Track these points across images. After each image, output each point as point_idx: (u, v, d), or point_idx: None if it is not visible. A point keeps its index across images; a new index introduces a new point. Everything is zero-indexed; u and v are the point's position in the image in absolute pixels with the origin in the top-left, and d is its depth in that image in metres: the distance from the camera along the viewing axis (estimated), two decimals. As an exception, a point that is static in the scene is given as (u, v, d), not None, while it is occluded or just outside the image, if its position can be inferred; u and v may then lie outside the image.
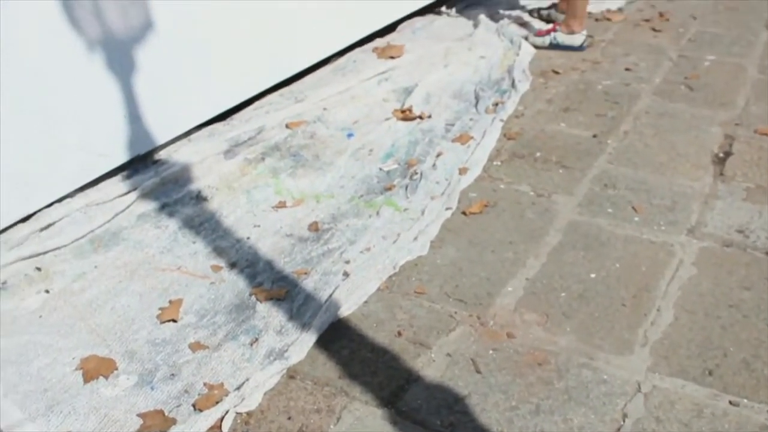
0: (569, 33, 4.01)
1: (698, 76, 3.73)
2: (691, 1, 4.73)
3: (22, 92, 2.52)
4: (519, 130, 3.28)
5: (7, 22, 2.43)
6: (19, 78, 2.50)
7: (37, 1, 2.50)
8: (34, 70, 2.54)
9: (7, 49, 2.44)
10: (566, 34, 4.02)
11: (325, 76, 3.68)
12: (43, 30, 2.54)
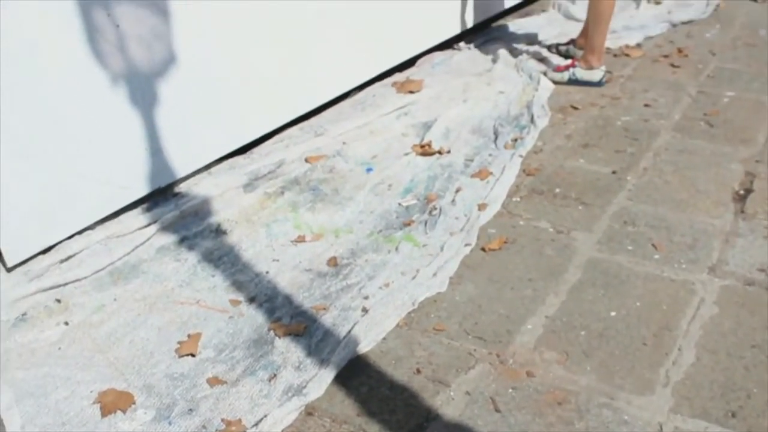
0: (588, 68, 4.02)
1: (718, 112, 3.72)
2: (709, 38, 4.73)
3: (44, 123, 2.55)
4: (538, 165, 3.28)
5: (30, 53, 2.46)
6: (42, 109, 2.53)
7: (61, 34, 2.54)
8: (57, 102, 2.57)
9: (30, 80, 2.48)
10: (585, 70, 4.03)
11: (344, 110, 3.70)
12: (67, 62, 2.58)
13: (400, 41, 4.05)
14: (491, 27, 4.88)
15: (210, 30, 3.01)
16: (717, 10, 5.23)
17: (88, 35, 2.62)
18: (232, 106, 3.17)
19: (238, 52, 3.14)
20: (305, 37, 3.44)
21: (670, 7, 5.33)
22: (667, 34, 4.81)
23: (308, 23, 3.43)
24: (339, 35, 3.61)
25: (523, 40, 4.63)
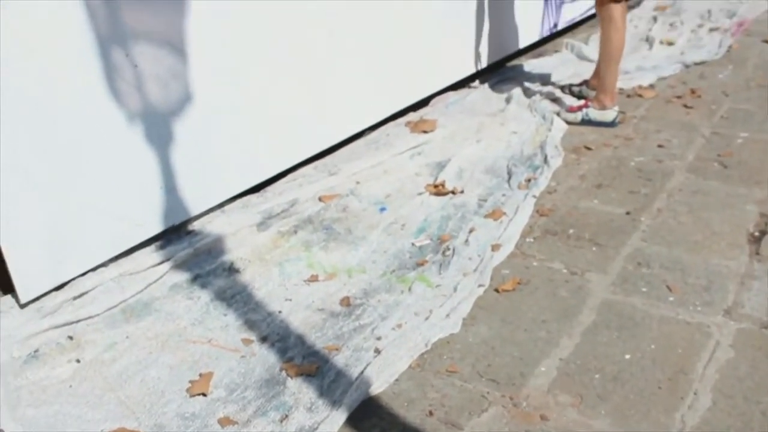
0: (601, 108, 4.03)
1: (732, 153, 3.71)
2: (722, 78, 4.74)
3: (60, 160, 2.57)
4: (552, 206, 3.28)
5: (49, 90, 2.49)
6: (59, 146, 2.56)
7: (79, 72, 2.57)
8: (74, 139, 2.60)
9: (49, 118, 2.51)
10: (598, 110, 4.04)
11: (358, 150, 3.72)
12: (85, 100, 2.61)
13: (414, 81, 4.08)
14: (505, 67, 4.91)
15: (226, 69, 3.04)
16: (729, 51, 5.25)
17: (106, 74, 2.66)
18: (246, 145, 3.19)
19: (253, 92, 3.17)
20: (319, 76, 3.47)
21: (682, 47, 5.35)
22: (680, 74, 4.82)
23: (322, 63, 3.47)
24: (353, 75, 3.64)
25: (537, 81, 4.66)
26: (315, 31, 3.40)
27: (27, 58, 2.43)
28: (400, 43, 3.88)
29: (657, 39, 5.47)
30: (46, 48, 2.47)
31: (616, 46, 3.92)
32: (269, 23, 3.18)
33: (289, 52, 3.29)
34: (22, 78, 2.42)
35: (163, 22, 2.80)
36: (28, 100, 2.44)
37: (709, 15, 6.16)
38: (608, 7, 3.87)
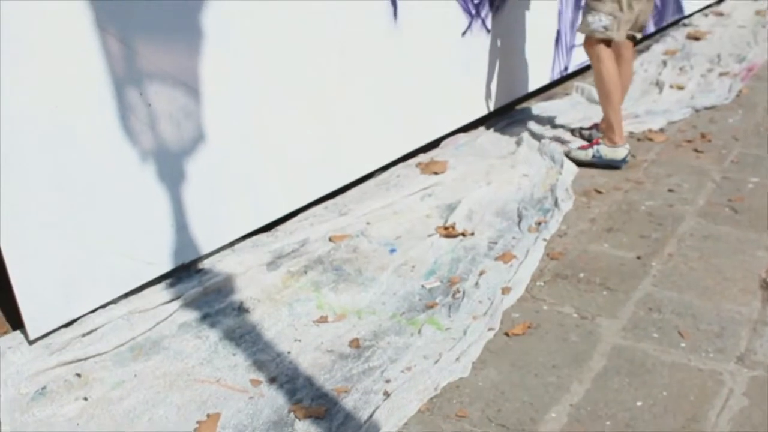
0: (612, 146, 4.05)
1: (743, 198, 3.71)
2: (732, 123, 4.75)
3: (73, 197, 2.59)
4: (562, 249, 3.27)
5: (62, 127, 2.52)
6: (71, 183, 2.58)
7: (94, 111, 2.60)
8: (87, 177, 2.62)
9: (61, 154, 2.53)
10: (609, 147, 4.05)
11: (368, 190, 3.73)
12: (99, 138, 2.63)
13: (424, 122, 4.10)
14: (515, 110, 4.94)
15: (238, 109, 3.07)
16: (739, 96, 5.26)
17: (120, 113, 2.68)
18: (257, 184, 3.21)
19: (265, 131, 3.20)
20: (331, 116, 3.49)
21: (692, 92, 5.38)
22: (690, 119, 4.84)
23: (334, 103, 3.50)
24: (364, 115, 3.67)
25: (547, 123, 4.68)
26: (326, 72, 3.43)
27: (42, 97, 2.45)
28: (411, 84, 3.91)
29: (667, 83, 5.50)
30: (61, 86, 2.50)
31: (609, 84, 3.96)
32: (282, 63, 3.21)
33: (301, 92, 3.32)
34: (36, 115, 2.45)
35: (177, 63, 2.83)
36: (41, 138, 2.47)
37: (718, 60, 6.19)
38: (596, 48, 3.94)
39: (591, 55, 4.02)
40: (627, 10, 3.87)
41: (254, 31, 3.08)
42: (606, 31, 3.87)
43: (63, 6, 2.46)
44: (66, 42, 2.49)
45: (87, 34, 2.54)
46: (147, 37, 2.72)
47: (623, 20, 3.89)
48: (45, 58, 2.44)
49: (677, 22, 7.38)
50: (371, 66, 3.66)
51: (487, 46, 4.44)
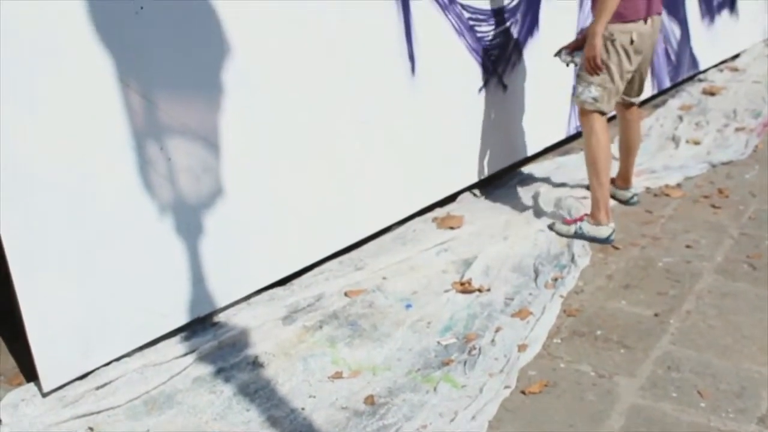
0: (595, 224, 3.86)
1: (761, 255, 3.68)
2: (749, 179, 4.73)
3: (90, 250, 2.62)
4: (579, 306, 3.25)
5: (83, 179, 2.55)
6: (90, 235, 2.61)
7: (114, 164, 2.64)
8: (107, 228, 2.65)
9: (80, 206, 2.56)
10: (592, 225, 3.86)
11: (385, 244, 3.73)
12: (119, 191, 2.67)
13: (441, 177, 4.11)
14: (531, 164, 4.95)
15: (256, 163, 3.10)
16: (756, 151, 5.26)
17: (140, 167, 2.71)
18: (274, 238, 3.22)
19: (282, 185, 3.22)
20: (348, 171, 3.52)
21: (709, 147, 5.38)
22: (706, 174, 4.83)
23: (351, 158, 3.52)
24: (381, 170, 3.69)
25: (563, 178, 4.67)
26: (344, 127, 3.47)
27: (62, 149, 2.50)
28: (428, 139, 3.94)
29: (683, 138, 5.50)
30: (82, 139, 2.54)
31: (599, 159, 3.82)
32: (300, 118, 3.25)
33: (318, 146, 3.35)
34: (56, 167, 2.49)
35: (197, 117, 2.87)
36: (60, 190, 2.50)
37: (734, 115, 6.20)
38: (589, 118, 3.82)
39: (584, 125, 3.90)
40: (619, 81, 3.77)
41: (273, 87, 3.12)
42: (596, 103, 3.77)
43: (86, 59, 2.52)
44: (88, 95, 2.54)
45: (109, 87, 2.60)
46: (168, 91, 2.77)
47: (614, 91, 3.79)
48: (67, 110, 2.49)
49: (693, 77, 7.41)
50: (388, 120, 3.69)
51: (503, 101, 4.48)
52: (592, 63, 3.68)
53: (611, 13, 3.58)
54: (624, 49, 3.70)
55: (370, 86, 3.57)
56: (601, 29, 3.61)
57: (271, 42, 3.09)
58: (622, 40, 3.69)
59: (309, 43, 3.24)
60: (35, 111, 2.41)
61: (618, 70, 3.74)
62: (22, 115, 2.39)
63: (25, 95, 2.39)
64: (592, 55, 3.66)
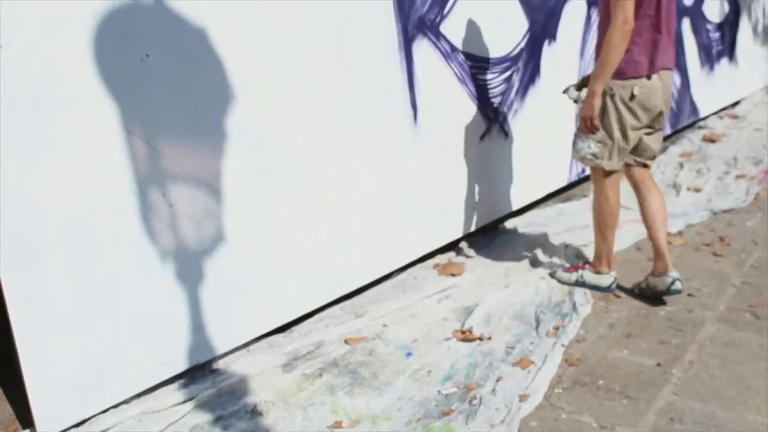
0: (596, 273, 3.82)
1: (763, 304, 3.67)
2: (751, 226, 4.73)
3: (90, 296, 2.62)
4: (581, 355, 3.23)
5: (85, 224, 2.56)
6: (89, 282, 2.60)
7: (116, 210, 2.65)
8: (105, 275, 2.65)
9: (80, 250, 2.56)
10: (593, 274, 3.82)
11: (385, 291, 3.72)
12: (121, 238, 2.67)
13: (443, 224, 4.12)
14: (533, 211, 4.96)
15: (258, 210, 3.11)
16: (757, 199, 5.27)
17: (142, 213, 2.72)
18: (275, 285, 3.21)
19: (284, 232, 3.22)
20: (350, 218, 3.52)
21: (709, 194, 5.39)
22: (708, 222, 4.83)
23: (352, 204, 3.53)
24: (382, 216, 3.69)
25: (565, 225, 4.68)
26: (346, 174, 3.48)
27: (64, 193, 2.51)
28: (429, 186, 3.95)
29: (684, 186, 5.52)
30: (84, 184, 2.56)
31: (605, 215, 3.72)
32: (302, 164, 3.26)
33: (320, 193, 3.36)
34: (57, 211, 2.50)
35: (200, 164, 2.89)
36: (61, 233, 2.51)
37: (735, 162, 6.23)
38: (597, 173, 3.70)
39: (593, 179, 3.77)
40: (620, 137, 3.55)
41: (276, 134, 3.14)
42: (595, 159, 3.60)
43: (90, 106, 2.54)
44: (91, 142, 2.56)
45: (113, 134, 2.62)
46: (171, 138, 2.79)
47: (616, 148, 3.57)
48: (69, 157, 2.51)
49: (693, 124, 7.46)
50: (390, 168, 3.71)
51: (505, 148, 4.50)
52: (588, 123, 3.53)
53: (612, 70, 3.41)
54: (625, 104, 3.50)
55: (373, 134, 3.59)
56: (600, 88, 3.45)
57: (274, 89, 3.12)
58: (621, 95, 3.49)
59: (312, 90, 3.27)
60: (36, 158, 2.43)
61: (618, 126, 3.53)
62: (23, 162, 2.40)
63: (26, 142, 2.40)
64: (588, 115, 3.51)
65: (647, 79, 3.49)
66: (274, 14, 3.09)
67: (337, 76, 3.38)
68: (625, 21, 3.29)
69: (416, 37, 3.79)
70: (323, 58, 3.31)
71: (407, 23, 3.72)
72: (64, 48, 2.46)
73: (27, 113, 2.39)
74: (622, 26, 3.30)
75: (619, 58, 3.37)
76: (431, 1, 3.87)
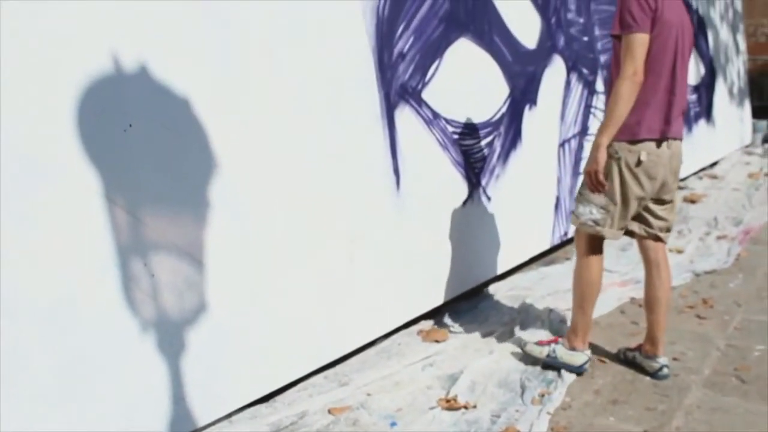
0: (570, 349, 3.59)
1: (749, 368, 3.65)
2: (733, 288, 4.76)
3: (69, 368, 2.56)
4: (567, 423, 3.19)
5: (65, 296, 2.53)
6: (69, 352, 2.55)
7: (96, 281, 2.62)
8: (85, 346, 2.60)
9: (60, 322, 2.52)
10: (567, 350, 3.59)
11: (369, 359, 3.69)
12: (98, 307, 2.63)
13: (426, 290, 4.11)
14: (516, 274, 4.96)
15: (240, 279, 3.08)
16: (738, 260, 5.31)
17: (123, 283, 2.69)
18: (257, 354, 3.18)
19: (266, 301, 3.20)
20: (333, 286, 3.51)
21: (692, 256, 5.42)
22: (690, 283, 4.85)
23: (336, 273, 3.52)
24: (366, 284, 3.68)
25: (548, 288, 4.68)
26: (329, 241, 3.48)
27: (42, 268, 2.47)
28: (413, 252, 3.95)
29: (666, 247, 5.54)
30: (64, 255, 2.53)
31: (587, 285, 3.53)
32: (285, 233, 3.26)
33: (304, 261, 3.35)
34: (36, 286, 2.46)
35: (182, 233, 2.88)
36: (40, 306, 2.47)
37: (715, 223, 6.29)
38: (584, 240, 3.52)
39: (577, 246, 3.57)
40: (621, 205, 3.36)
41: (260, 203, 3.14)
42: (596, 226, 3.41)
43: (72, 176, 2.53)
44: (73, 211, 2.54)
45: (94, 204, 2.60)
46: (154, 208, 2.78)
47: (618, 216, 3.39)
48: (49, 227, 2.48)
49: (673, 185, 7.53)
50: (373, 234, 3.71)
51: (488, 213, 4.52)
52: (593, 179, 3.30)
53: (619, 123, 3.19)
54: (630, 170, 3.30)
55: (356, 201, 3.60)
56: (606, 141, 3.22)
57: (257, 158, 3.13)
58: (627, 159, 3.29)
59: (295, 159, 3.29)
60: (14, 230, 2.40)
61: (621, 191, 3.34)
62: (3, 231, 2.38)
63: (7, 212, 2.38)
64: (593, 169, 3.28)
65: (657, 145, 3.31)
66: (258, 85, 3.12)
67: (321, 144, 3.40)
68: (635, 72, 3.14)
69: (398, 104, 3.83)
70: (307, 128, 3.33)
71: (389, 90, 3.77)
72: (47, 118, 2.46)
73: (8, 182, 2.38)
74: (632, 77, 3.14)
75: (627, 110, 3.17)
76: (413, 69, 3.93)
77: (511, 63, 4.72)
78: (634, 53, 3.15)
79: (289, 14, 3.27)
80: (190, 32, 2.89)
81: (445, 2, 4.15)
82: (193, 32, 2.90)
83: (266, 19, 3.18)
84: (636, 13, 3.16)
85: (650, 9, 3.18)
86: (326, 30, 3.45)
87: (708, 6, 8.59)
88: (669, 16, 3.24)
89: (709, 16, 8.63)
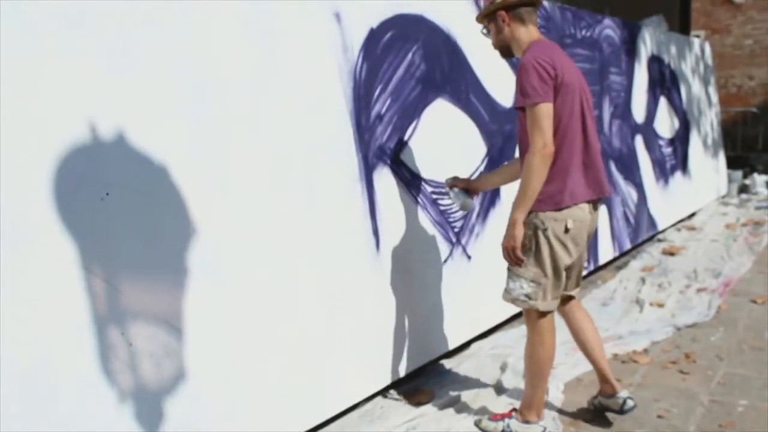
0: (524, 422, 3.45)
1: (734, 424, 3.64)
2: (715, 341, 4.76)
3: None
4: (553, 487, 3.16)
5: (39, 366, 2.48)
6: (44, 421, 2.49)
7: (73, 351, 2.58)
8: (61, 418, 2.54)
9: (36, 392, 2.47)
10: (521, 423, 3.45)
11: (351, 422, 3.63)
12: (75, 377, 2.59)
13: (408, 351, 4.07)
14: (498, 332, 4.94)
15: (219, 346, 3.05)
16: (719, 312, 5.32)
17: (100, 353, 2.66)
18: (237, 421, 3.12)
19: (245, 366, 3.16)
20: (313, 350, 3.47)
21: (673, 309, 5.43)
22: (672, 338, 4.85)
23: (316, 335, 3.49)
24: (347, 347, 3.65)
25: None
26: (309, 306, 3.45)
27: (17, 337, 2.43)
28: (394, 313, 3.93)
29: (647, 301, 5.57)
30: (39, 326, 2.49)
31: (541, 360, 3.39)
32: (264, 299, 3.23)
33: (283, 327, 3.32)
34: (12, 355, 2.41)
35: (160, 301, 2.85)
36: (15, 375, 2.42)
37: (695, 275, 6.32)
38: (531, 315, 3.39)
39: (527, 322, 3.45)
40: (552, 275, 3.29)
41: (238, 268, 3.13)
42: (529, 300, 3.30)
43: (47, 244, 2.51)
44: (48, 280, 2.51)
45: (70, 274, 2.57)
46: (131, 276, 2.75)
47: (550, 286, 3.31)
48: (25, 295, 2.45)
49: (652, 237, 7.60)
50: (353, 297, 3.69)
51: (468, 271, 4.52)
52: (511, 255, 3.26)
53: (533, 198, 3.16)
54: (558, 239, 3.26)
55: (336, 264, 3.59)
56: (522, 216, 3.18)
57: (235, 223, 3.12)
58: (554, 229, 3.24)
59: (274, 225, 3.28)
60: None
61: (551, 263, 3.28)
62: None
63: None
64: (510, 245, 3.23)
65: (581, 210, 3.29)
66: (236, 149, 3.13)
67: (300, 208, 3.41)
68: (545, 144, 3.09)
69: (377, 166, 3.85)
70: (286, 191, 3.34)
71: (368, 152, 3.79)
72: (23, 185, 2.45)
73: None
74: (542, 150, 3.09)
75: (540, 184, 3.14)
76: (391, 130, 3.95)
77: (488, 122, 4.77)
78: (541, 125, 3.10)
79: (267, 79, 3.30)
80: (168, 100, 2.91)
81: (421, 63, 4.20)
82: (171, 99, 2.92)
83: (244, 85, 3.20)
84: (536, 83, 3.11)
85: (550, 77, 3.13)
86: (304, 93, 3.47)
87: (680, 60, 8.76)
88: (569, 80, 3.21)
89: (681, 70, 8.80)
